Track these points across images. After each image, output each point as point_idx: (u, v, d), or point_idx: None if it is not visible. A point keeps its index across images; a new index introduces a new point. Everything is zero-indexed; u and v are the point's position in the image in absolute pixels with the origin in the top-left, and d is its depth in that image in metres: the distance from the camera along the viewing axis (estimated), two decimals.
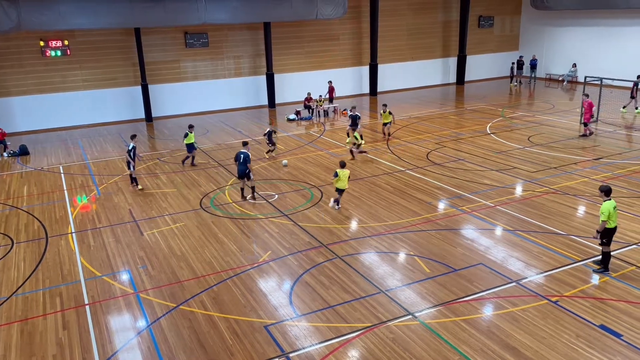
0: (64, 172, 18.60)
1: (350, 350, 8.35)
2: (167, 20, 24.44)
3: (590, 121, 20.51)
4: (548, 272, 10.44)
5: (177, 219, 13.95)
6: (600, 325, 8.70)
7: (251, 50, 28.68)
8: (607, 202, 10.00)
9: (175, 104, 27.55)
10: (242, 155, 14.63)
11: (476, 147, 19.60)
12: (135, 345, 8.73)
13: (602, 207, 10.04)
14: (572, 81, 33.04)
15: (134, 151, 16.01)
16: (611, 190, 10.17)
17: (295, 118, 26.15)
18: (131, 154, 15.92)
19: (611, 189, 10.23)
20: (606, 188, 10.16)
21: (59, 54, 24.60)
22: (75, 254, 12.12)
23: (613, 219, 9.99)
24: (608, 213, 9.92)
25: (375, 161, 18.40)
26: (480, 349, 8.23)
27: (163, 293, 10.27)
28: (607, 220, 9.95)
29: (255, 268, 11.12)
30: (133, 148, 15.99)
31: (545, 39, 35.01)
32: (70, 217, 14.43)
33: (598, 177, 15.72)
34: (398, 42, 32.64)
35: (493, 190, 15.02)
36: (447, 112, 26.45)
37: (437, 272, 10.63)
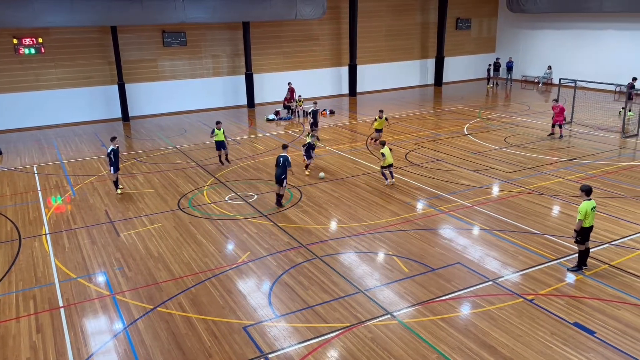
0: (37, 173, 18.23)
1: (330, 351, 8.36)
2: (145, 18, 24.14)
3: (563, 123, 20.89)
4: (524, 271, 10.61)
5: (155, 219, 13.79)
6: (575, 323, 8.87)
7: (230, 49, 28.52)
8: (586, 201, 10.17)
9: (152, 104, 27.23)
10: (282, 158, 14.06)
11: (454, 147, 19.82)
12: (111, 348, 8.60)
13: (580, 206, 10.22)
14: (547, 83, 33.67)
15: (114, 154, 15.27)
16: (591, 190, 10.31)
17: (275, 118, 26.08)
18: (111, 157, 15.22)
19: (592, 189, 10.35)
20: (586, 188, 10.28)
21: (33, 52, 24.10)
22: (49, 256, 11.89)
23: (589, 219, 10.18)
24: (585, 212, 10.10)
25: (355, 162, 18.47)
26: (458, 348, 8.31)
27: (140, 295, 10.13)
28: (584, 219, 10.14)
29: (234, 269, 11.05)
30: (112, 151, 15.26)
31: (521, 42, 35.61)
32: (45, 218, 14.14)
33: (572, 178, 16.04)
34: (377, 43, 32.82)
35: (470, 191, 15.20)
36: (425, 113, 26.69)
37: (415, 271, 10.72)
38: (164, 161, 19.21)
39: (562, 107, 20.89)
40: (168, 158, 19.63)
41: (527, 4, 32.31)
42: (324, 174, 16.89)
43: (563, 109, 20.83)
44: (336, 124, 24.86)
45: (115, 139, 15.79)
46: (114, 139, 15.77)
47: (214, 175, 17.26)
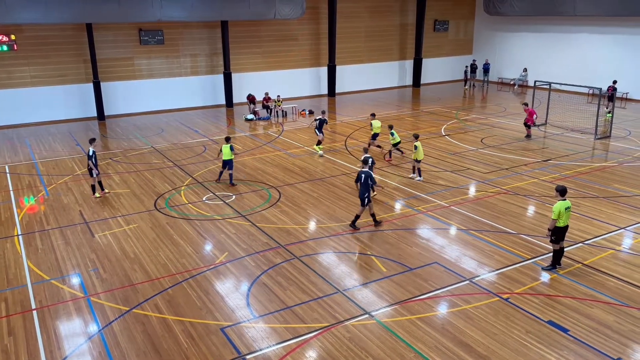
0: (9, 172, 17.80)
1: (308, 351, 8.35)
2: (121, 16, 23.77)
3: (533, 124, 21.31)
4: (499, 270, 10.76)
5: (131, 220, 13.59)
6: (549, 321, 9.03)
7: (208, 48, 28.29)
8: (560, 202, 10.35)
9: (128, 102, 26.84)
10: (363, 175, 12.45)
11: (431, 148, 19.99)
12: (85, 350, 8.44)
13: (554, 206, 10.41)
14: (522, 85, 34.22)
15: (95, 156, 14.82)
16: (566, 190, 10.47)
17: (253, 118, 25.96)
18: (93, 160, 14.73)
19: (566, 189, 10.51)
20: (561, 188, 10.46)
21: (6, 48, 23.53)
22: (21, 257, 11.62)
23: (563, 219, 10.35)
24: (558, 212, 10.28)
25: (334, 162, 18.49)
26: (435, 346, 8.39)
27: (115, 296, 9.97)
28: (557, 218, 10.32)
29: (212, 270, 10.96)
30: (94, 153, 14.75)
31: (498, 44, 36.14)
32: (17, 218, 13.82)
33: (547, 178, 16.33)
34: (356, 44, 32.93)
35: (447, 191, 15.36)
36: (403, 114, 26.87)
37: (393, 271, 10.78)
38: (140, 161, 18.95)
39: (532, 110, 21.36)
40: (144, 158, 19.37)
41: (503, 7, 32.80)
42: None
43: (533, 112, 21.29)
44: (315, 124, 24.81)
45: (95, 141, 15.19)
46: (93, 141, 15.11)
47: (192, 175, 17.09)
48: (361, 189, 12.50)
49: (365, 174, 12.48)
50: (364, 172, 12.55)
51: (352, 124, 24.55)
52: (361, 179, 12.46)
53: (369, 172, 12.63)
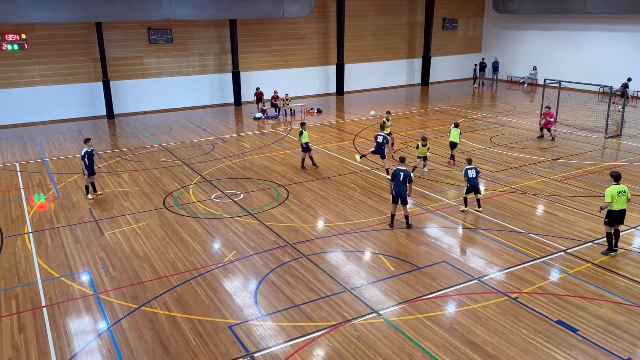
0: (20, 170, 17.96)
1: (316, 349, 8.36)
2: (130, 15, 23.89)
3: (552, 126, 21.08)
4: (508, 270, 10.71)
5: (140, 218, 13.67)
6: (558, 321, 8.97)
7: (217, 47, 28.36)
8: (613, 186, 10.85)
9: (137, 101, 26.99)
10: (402, 173, 12.35)
11: (440, 147, 19.92)
12: (95, 347, 8.51)
13: (607, 190, 10.91)
14: (532, 83, 34.00)
15: (88, 156, 14.60)
16: (620, 176, 11.05)
17: (262, 116, 26.00)
18: (85, 160, 14.56)
19: (620, 175, 11.07)
20: (615, 174, 11.08)
21: (16, 48, 23.74)
22: (32, 255, 11.72)
23: (617, 202, 10.77)
24: (610, 195, 10.76)
25: (342, 161, 18.48)
26: (443, 345, 8.37)
27: (124, 294, 10.04)
28: (611, 202, 10.76)
29: (220, 268, 11.00)
30: (86, 153, 14.57)
31: (507, 42, 35.91)
32: (27, 216, 13.95)
33: (556, 177, 16.22)
34: (364, 42, 32.87)
35: (456, 190, 15.29)
36: (412, 113, 26.81)
37: (401, 270, 10.76)
38: (149, 159, 19.05)
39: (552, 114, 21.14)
40: (153, 156, 19.47)
41: (512, 5, 32.58)
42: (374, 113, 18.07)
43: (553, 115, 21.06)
44: (323, 123, 24.86)
45: (89, 141, 14.95)
46: (88, 141, 14.93)
47: (200, 174, 17.16)
48: (397, 188, 12.35)
49: (405, 173, 12.40)
50: (403, 170, 12.44)
51: (360, 123, 24.52)
52: (399, 177, 12.35)
53: (406, 170, 12.55)
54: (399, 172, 12.42)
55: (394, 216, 12.81)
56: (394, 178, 12.49)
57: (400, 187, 12.36)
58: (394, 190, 12.43)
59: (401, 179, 12.35)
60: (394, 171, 12.59)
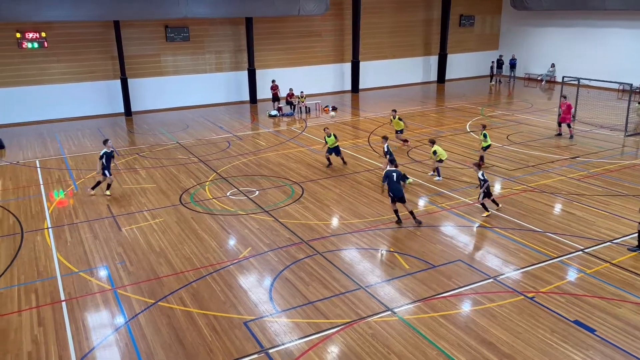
0: (40, 167, 18.26)
1: (330, 346, 8.39)
2: (148, 13, 24.11)
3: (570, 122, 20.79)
4: (525, 269, 10.62)
5: (156, 214, 13.82)
6: (575, 321, 8.88)
7: (233, 45, 28.49)
8: None
9: (155, 99, 27.24)
10: (395, 174, 12.53)
11: (456, 145, 19.79)
12: (112, 342, 8.64)
13: None
14: (550, 81, 33.57)
15: (106, 157, 14.80)
16: None
17: (277, 114, 26.07)
18: (103, 161, 14.76)
19: None
20: None
21: (36, 46, 24.11)
22: (51, 250, 11.93)
23: None
24: None
25: (357, 158, 18.46)
26: (458, 344, 8.33)
27: (141, 289, 10.17)
28: None
29: (235, 264, 11.08)
30: (105, 154, 14.79)
31: (525, 39, 35.49)
32: (47, 212, 14.18)
33: (574, 176, 16.02)
34: (380, 39, 32.74)
35: (472, 188, 15.19)
36: (427, 110, 26.66)
37: (416, 268, 10.73)
38: (166, 156, 19.23)
39: (570, 104, 20.79)
40: (170, 153, 19.65)
41: (530, 2, 32.15)
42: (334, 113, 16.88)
43: (570, 107, 20.75)
44: (338, 120, 24.84)
45: (108, 142, 15.17)
46: (107, 142, 15.16)
47: (216, 171, 17.28)
48: (397, 186, 12.45)
49: (397, 173, 12.54)
50: (394, 171, 12.54)
51: (375, 121, 24.46)
52: (393, 177, 12.42)
53: (398, 170, 12.70)
54: (391, 173, 12.49)
55: (397, 211, 12.82)
56: (386, 179, 12.54)
57: (396, 187, 12.46)
58: (391, 191, 12.49)
59: (395, 179, 12.44)
60: (385, 173, 12.62)
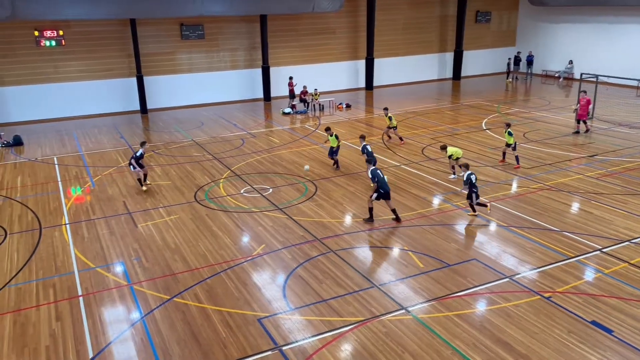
0: (58, 163, 18.50)
1: (343, 344, 8.38)
2: (163, 11, 24.28)
3: (586, 119, 20.53)
4: (541, 268, 10.50)
5: (172, 211, 13.92)
6: (592, 321, 8.76)
7: (247, 43, 28.56)
8: None
9: (170, 96, 27.43)
10: (380, 171, 12.79)
11: (471, 142, 19.63)
12: (128, 337, 8.73)
13: None
14: (568, 78, 33.12)
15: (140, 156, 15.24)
16: None
17: (291, 112, 26.09)
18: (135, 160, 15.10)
19: None
20: None
21: (54, 44, 24.41)
22: (69, 246, 12.08)
23: None
24: None
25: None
26: (473, 344, 8.27)
27: (157, 285, 10.26)
28: None
29: (249, 261, 11.12)
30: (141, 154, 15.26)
31: (542, 35, 35.05)
32: (64, 208, 14.37)
33: (592, 174, 15.79)
34: (395, 36, 32.58)
35: (487, 186, 15.06)
36: (443, 108, 26.47)
37: (430, 267, 10.67)
38: (181, 153, 19.37)
39: (589, 99, 20.50)
40: (185, 150, 19.78)
41: None
42: (308, 167, 16.70)
43: (589, 102, 20.46)
44: (352, 117, 24.78)
45: (145, 144, 15.84)
46: (144, 144, 15.72)
47: (230, 168, 17.35)
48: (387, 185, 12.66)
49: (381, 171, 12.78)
50: (380, 169, 12.83)
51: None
52: (380, 174, 12.61)
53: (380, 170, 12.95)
54: (376, 170, 12.68)
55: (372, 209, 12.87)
56: (377, 178, 12.54)
57: (387, 185, 12.63)
58: (383, 188, 12.51)
59: (382, 176, 12.64)
60: (374, 171, 12.65)
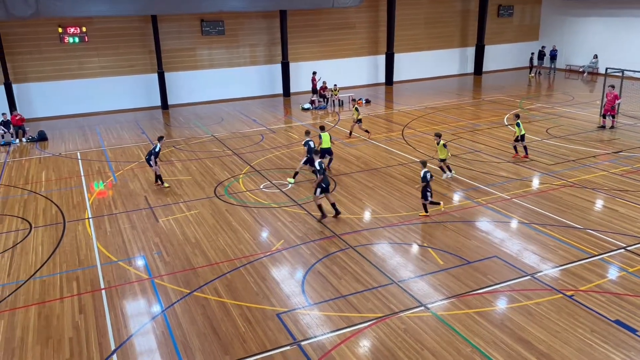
0: (81, 159, 18.80)
1: (362, 340, 8.37)
2: (184, 7, 24.44)
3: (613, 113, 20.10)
4: (564, 266, 10.34)
5: (192, 206, 14.05)
6: (616, 321, 8.60)
7: (267, 38, 28.60)
8: None
9: (190, 92, 27.65)
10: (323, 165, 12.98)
11: (493, 138, 19.39)
12: (149, 330, 8.85)
13: None
14: (592, 73, 32.45)
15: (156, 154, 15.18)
16: None
17: (310, 107, 26.08)
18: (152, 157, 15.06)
19: None
20: None
21: (77, 40, 24.79)
22: (91, 239, 12.29)
23: None
24: None
25: (390, 152, 18.31)
26: (493, 342, 8.19)
27: (177, 279, 10.37)
28: None
29: (268, 256, 11.17)
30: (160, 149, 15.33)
31: (566, 29, 34.38)
32: (87, 202, 14.61)
33: (617, 171, 15.47)
34: (415, 31, 32.30)
35: (509, 183, 14.86)
36: (463, 103, 26.18)
37: (450, 264, 10.58)
38: (201, 149, 19.52)
39: (617, 94, 20.08)
40: (205, 146, 19.93)
41: None
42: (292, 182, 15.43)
43: (617, 97, 20.04)
44: (372, 113, 24.68)
45: (162, 139, 15.75)
46: (162, 139, 15.70)
47: (250, 164, 17.43)
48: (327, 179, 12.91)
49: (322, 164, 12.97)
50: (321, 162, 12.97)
51: (409, 114, 24.19)
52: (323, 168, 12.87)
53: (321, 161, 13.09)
54: (322, 164, 12.90)
55: (321, 206, 12.77)
56: (321, 171, 12.70)
57: (327, 178, 12.81)
58: (325, 182, 12.61)
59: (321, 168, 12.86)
60: (318, 164, 12.83)
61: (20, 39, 23.85)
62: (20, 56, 24.09)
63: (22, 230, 12.93)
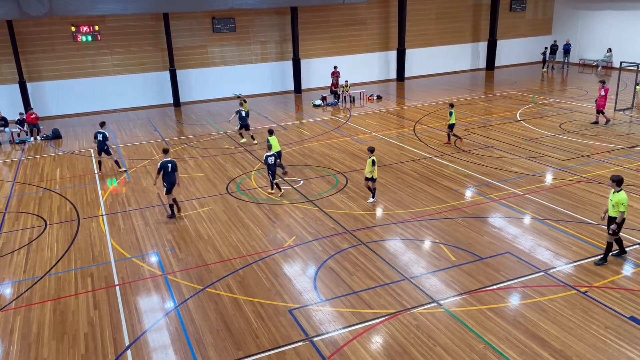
0: (94, 156, 18.98)
1: (374, 336, 8.38)
2: (195, 5, 24.55)
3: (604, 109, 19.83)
4: (577, 262, 10.25)
5: (204, 203, 14.14)
6: (631, 317, 8.51)
7: (278, 35, 28.62)
8: (622, 192, 9.89)
9: (202, 89, 27.77)
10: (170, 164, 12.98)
11: (505, 134, 19.24)
12: (163, 325, 8.93)
13: (620, 197, 9.81)
14: (606, 67, 32.04)
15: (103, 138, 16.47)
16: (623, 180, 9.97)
17: (321, 104, 26.07)
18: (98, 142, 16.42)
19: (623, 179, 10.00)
20: (618, 178, 9.89)
21: (90, 39, 25.00)
22: (105, 236, 12.42)
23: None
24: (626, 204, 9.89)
25: (402, 148, 18.26)
26: (506, 338, 8.15)
27: (190, 275, 10.45)
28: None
29: (281, 253, 11.21)
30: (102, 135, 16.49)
31: (580, 23, 33.95)
32: (101, 199, 14.76)
33: (632, 166, 15.28)
34: (426, 26, 32.10)
35: (522, 179, 14.76)
36: (476, 98, 26.00)
37: (463, 260, 10.54)
38: (213, 146, 19.61)
39: (608, 88, 19.85)
40: (217, 143, 20.02)
41: None
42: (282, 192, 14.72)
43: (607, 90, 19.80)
44: (383, 109, 24.61)
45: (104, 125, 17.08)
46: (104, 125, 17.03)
47: (261, 161, 17.47)
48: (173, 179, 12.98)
49: (172, 163, 12.95)
50: (170, 161, 12.93)
51: (421, 109, 24.08)
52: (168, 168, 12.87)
53: (174, 160, 13.10)
54: (167, 163, 12.88)
55: (172, 205, 13.23)
56: (162, 170, 12.84)
57: (172, 178, 12.95)
58: (168, 182, 12.89)
59: (170, 170, 12.89)
60: (161, 164, 12.89)
61: (34, 38, 24.12)
62: (35, 55, 24.36)
63: (38, 227, 13.10)
